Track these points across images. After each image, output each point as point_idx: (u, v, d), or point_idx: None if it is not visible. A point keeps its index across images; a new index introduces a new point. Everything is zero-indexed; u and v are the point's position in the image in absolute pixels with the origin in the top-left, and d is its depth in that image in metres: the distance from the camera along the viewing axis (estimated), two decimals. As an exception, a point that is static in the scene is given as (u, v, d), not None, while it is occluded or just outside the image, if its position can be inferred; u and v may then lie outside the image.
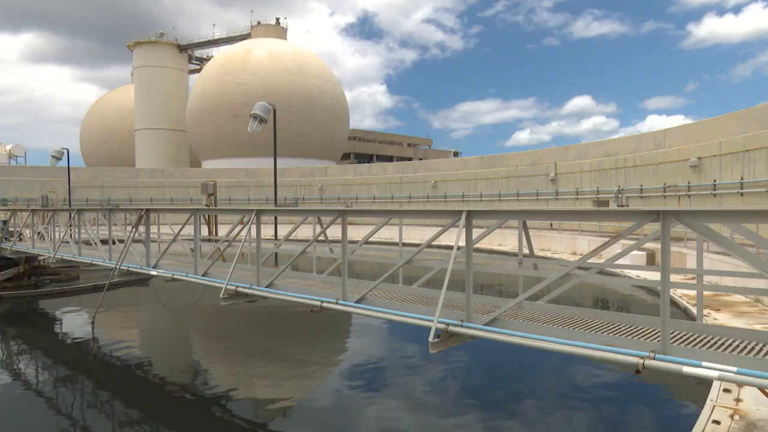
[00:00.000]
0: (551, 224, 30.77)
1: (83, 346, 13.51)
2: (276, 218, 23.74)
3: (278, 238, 20.95)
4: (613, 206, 27.37)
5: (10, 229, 20.62)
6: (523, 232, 6.76)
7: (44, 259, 19.21)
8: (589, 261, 5.60)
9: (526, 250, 6.91)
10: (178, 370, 11.55)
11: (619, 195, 27.26)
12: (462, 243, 6.05)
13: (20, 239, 19.75)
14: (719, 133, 24.74)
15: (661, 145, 29.32)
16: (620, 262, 5.94)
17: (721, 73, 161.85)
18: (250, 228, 9.09)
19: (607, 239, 6.08)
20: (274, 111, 22.43)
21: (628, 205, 26.05)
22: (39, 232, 18.49)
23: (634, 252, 17.67)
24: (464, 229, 6.02)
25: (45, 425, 8.24)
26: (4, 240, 20.15)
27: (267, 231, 9.98)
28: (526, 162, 38.93)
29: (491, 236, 7.51)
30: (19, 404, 9.23)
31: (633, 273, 17.73)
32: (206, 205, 31.50)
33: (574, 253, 25.90)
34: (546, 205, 34.40)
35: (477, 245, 6.27)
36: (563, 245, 27.87)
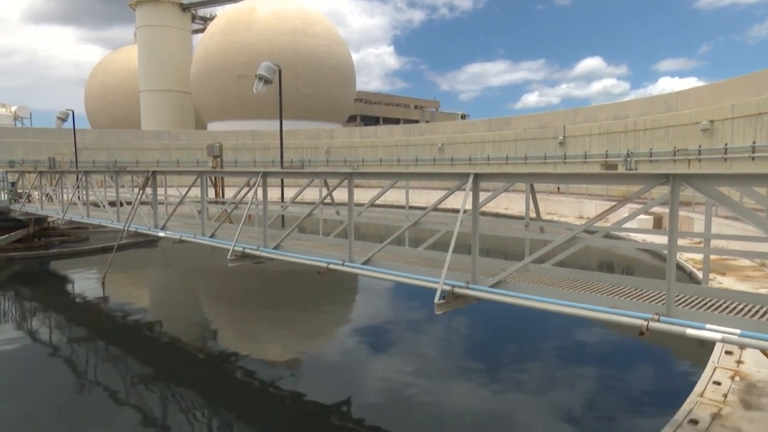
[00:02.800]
0: (558, 188, 30.61)
1: (94, 306, 13.77)
2: (282, 181, 23.75)
3: (285, 200, 21.00)
4: (621, 170, 27.14)
5: (19, 190, 20.76)
6: (531, 195, 6.73)
7: (53, 220, 19.38)
8: (595, 225, 5.58)
9: (532, 214, 6.90)
10: (188, 330, 11.79)
11: (628, 159, 27.02)
12: (469, 206, 6.04)
13: (29, 201, 19.90)
14: (732, 96, 24.24)
15: (673, 108, 28.82)
16: (627, 225, 5.92)
17: (737, 34, 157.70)
18: (256, 190, 9.10)
19: (614, 203, 6.05)
20: (280, 72, 22.15)
21: (636, 169, 25.83)
22: (47, 194, 18.60)
23: (641, 216, 17.61)
24: (471, 192, 5.99)
25: (61, 383, 8.48)
26: (13, 201, 20.32)
27: (273, 194, 10.00)
28: (535, 125, 38.47)
29: (497, 200, 7.49)
30: (36, 363, 9.47)
31: (639, 237, 17.72)
32: (212, 168, 31.49)
33: (581, 217, 25.84)
34: (554, 169, 34.17)
35: (483, 208, 6.25)
36: (570, 209, 27.79)
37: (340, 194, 8.37)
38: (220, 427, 7.10)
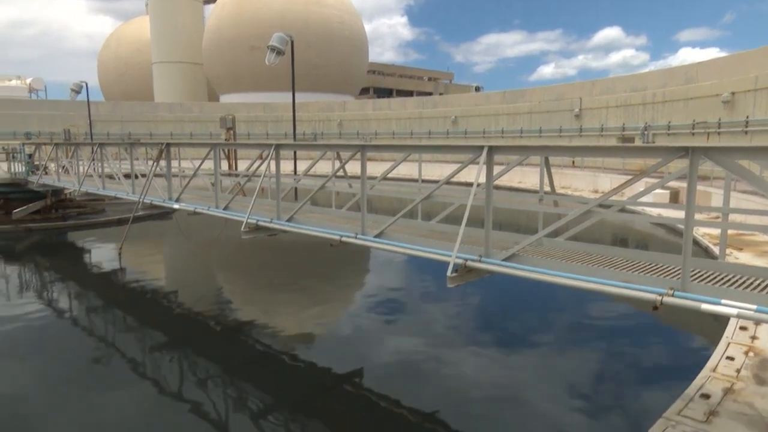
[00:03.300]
0: (573, 161, 30.27)
1: (112, 277, 14.02)
2: (295, 153, 23.73)
3: (297, 173, 21.02)
4: (638, 143, 26.70)
5: (36, 162, 20.99)
6: (545, 169, 6.65)
7: (70, 192, 19.61)
8: (610, 199, 5.52)
9: (546, 188, 6.83)
10: (202, 300, 11.97)
11: (646, 132, 26.54)
12: (482, 179, 5.99)
13: (46, 173, 20.12)
14: (755, 67, 23.57)
15: (693, 79, 28.13)
16: (643, 200, 5.83)
17: (762, 2, 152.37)
18: (269, 163, 9.10)
19: (630, 177, 5.96)
20: (292, 43, 21.92)
21: (654, 143, 25.40)
22: (63, 166, 18.78)
23: (657, 190, 17.39)
24: (485, 165, 5.93)
25: (81, 350, 8.69)
26: (30, 173, 20.57)
27: (286, 166, 10.00)
28: (550, 97, 37.84)
29: (511, 173, 7.42)
30: (56, 330, 9.71)
31: (655, 212, 17.53)
32: (225, 140, 31.52)
33: (596, 191, 25.59)
34: (569, 142, 33.72)
35: (496, 182, 6.20)
36: (585, 183, 27.51)
37: (353, 167, 8.34)
38: (235, 396, 7.26)
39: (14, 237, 18.01)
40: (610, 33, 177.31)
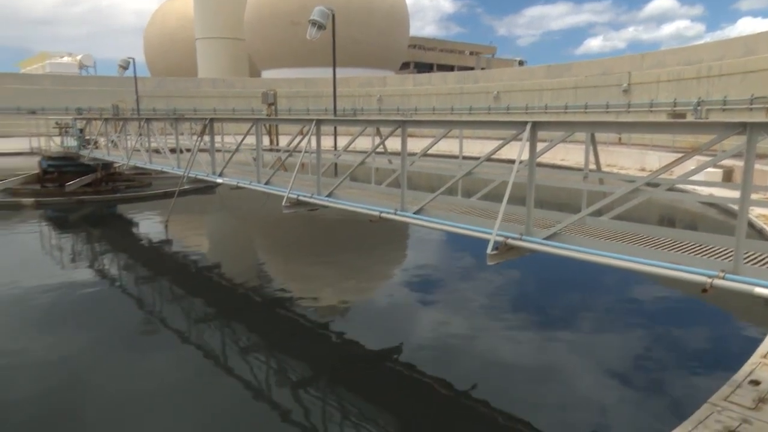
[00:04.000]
0: (620, 138, 29.30)
1: (158, 248, 14.52)
2: (335, 129, 23.78)
3: (337, 149, 21.09)
4: (690, 120, 25.59)
5: (86, 137, 21.76)
6: (591, 145, 6.46)
7: (119, 166, 20.29)
8: (659, 177, 5.32)
9: (591, 165, 6.63)
10: (244, 272, 12.28)
11: (699, 107, 25.41)
12: (525, 156, 5.86)
13: (96, 147, 20.85)
14: (823, 37, 22.08)
15: (753, 51, 26.56)
16: (694, 178, 5.60)
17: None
18: (310, 138, 9.15)
19: (680, 155, 5.72)
20: (333, 17, 21.79)
21: (708, 119, 24.29)
22: (112, 141, 19.40)
23: (710, 169, 16.67)
24: (528, 142, 5.80)
25: (129, 317, 9.07)
26: (81, 147, 21.35)
27: (326, 142, 10.04)
28: (597, 71, 36.54)
29: (554, 150, 7.23)
30: (106, 298, 10.15)
31: (706, 191, 16.83)
32: (267, 115, 31.81)
33: (643, 170, 24.74)
34: (616, 118, 32.57)
35: (539, 159, 6.05)
36: (631, 161, 26.61)
37: (393, 144, 8.30)
38: (275, 366, 7.46)
39: (67, 208, 18.82)
40: (664, 3, 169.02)
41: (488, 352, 7.71)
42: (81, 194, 19.83)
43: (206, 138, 12.63)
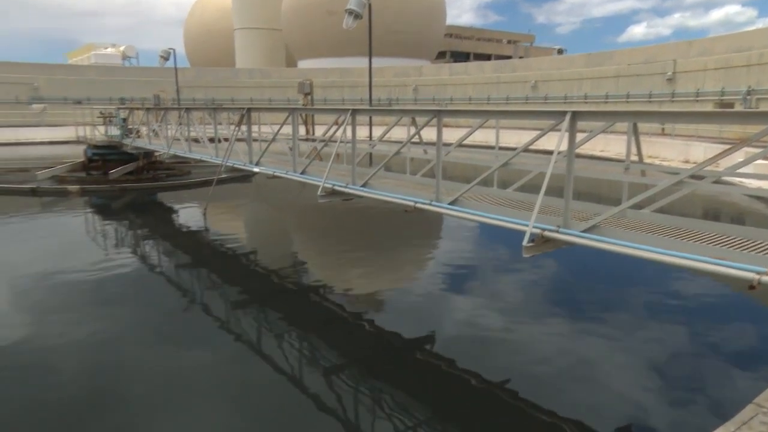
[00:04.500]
0: (663, 129, 28.36)
1: (197, 235, 14.86)
2: (371, 119, 23.78)
3: (372, 139, 21.11)
4: (739, 109, 24.57)
5: (129, 126, 22.39)
6: (633, 136, 6.27)
7: (159, 154, 20.82)
8: (705, 169, 5.13)
9: (633, 156, 6.45)
10: (280, 260, 12.46)
11: (749, 96, 24.35)
12: (563, 147, 5.74)
13: (138, 136, 21.44)
14: None
15: (809, 37, 25.29)
16: (742, 171, 5.39)
17: None
18: (345, 128, 9.18)
19: (728, 147, 5.50)
20: (369, 6, 21.71)
21: (758, 108, 23.28)
22: (154, 130, 19.90)
23: (759, 161, 15.98)
24: (567, 132, 5.68)
25: (167, 302, 9.34)
26: (124, 136, 21.99)
27: (361, 132, 10.06)
28: (639, 59, 35.40)
29: (593, 141, 7.05)
30: (146, 283, 10.47)
31: (755, 184, 16.14)
32: (303, 105, 32.02)
33: (687, 161, 23.92)
34: (659, 108, 31.55)
35: (577, 150, 5.92)
36: (675, 152, 25.74)
37: (428, 134, 8.25)
38: (307, 354, 7.56)
39: (111, 196, 19.45)
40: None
41: (523, 345, 7.63)
42: (123, 182, 20.46)
43: (243, 127, 12.82)
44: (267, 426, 5.69)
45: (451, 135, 7.84)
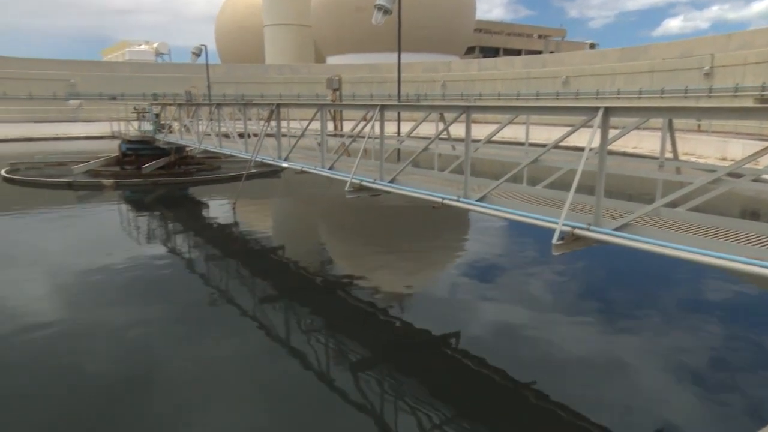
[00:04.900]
0: (699, 125, 27.58)
1: (226, 229, 15.10)
2: (399, 114, 23.76)
3: (401, 134, 21.09)
4: (779, 105, 23.72)
5: (161, 122, 22.85)
6: (668, 132, 6.11)
7: (190, 149, 21.20)
8: (744, 167, 4.97)
9: (667, 153, 6.28)
10: (307, 255, 12.57)
11: (790, 92, 23.46)
12: (595, 144, 5.63)
13: (170, 131, 21.85)
14: None
15: None
16: (784, 168, 5.20)
17: None
18: (373, 124, 9.18)
19: (769, 143, 5.31)
20: (399, 1, 21.65)
21: (799, 105, 22.40)
22: (185, 125, 20.27)
23: (801, 159, 15.39)
24: (599, 128, 5.56)
25: (197, 295, 9.52)
26: (157, 132, 22.45)
27: (389, 128, 10.06)
28: (675, 54, 34.46)
29: (625, 138, 6.89)
30: (177, 275, 10.69)
31: (795, 183, 15.59)
32: (332, 101, 32.19)
33: (724, 159, 23.21)
34: (696, 104, 30.70)
35: (609, 147, 5.80)
36: (712, 149, 25.01)
37: (456, 130, 8.18)
38: (334, 348, 7.61)
39: (144, 189, 19.91)
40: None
41: (550, 345, 7.53)
42: (156, 176, 20.90)
43: (273, 123, 12.95)
44: (295, 417, 5.76)
45: (479, 131, 7.76)
